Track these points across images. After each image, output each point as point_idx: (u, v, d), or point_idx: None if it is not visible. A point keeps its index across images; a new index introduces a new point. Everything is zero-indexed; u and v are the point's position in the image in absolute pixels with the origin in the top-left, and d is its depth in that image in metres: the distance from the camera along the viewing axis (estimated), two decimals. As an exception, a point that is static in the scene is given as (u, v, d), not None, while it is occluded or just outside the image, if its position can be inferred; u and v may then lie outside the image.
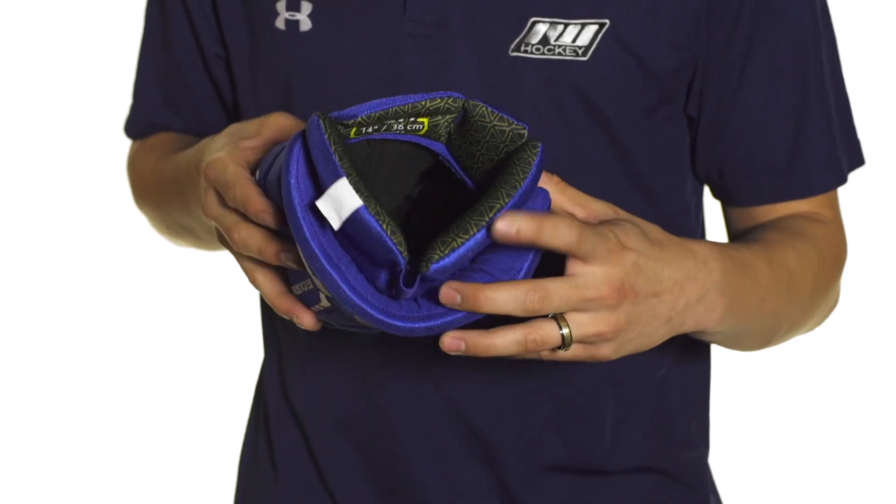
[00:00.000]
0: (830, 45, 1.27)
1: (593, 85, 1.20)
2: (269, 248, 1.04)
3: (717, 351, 1.40)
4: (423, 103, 1.02)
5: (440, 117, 1.04)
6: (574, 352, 1.03)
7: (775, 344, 1.28)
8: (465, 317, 0.99)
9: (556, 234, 0.98)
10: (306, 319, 1.06)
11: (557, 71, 1.19)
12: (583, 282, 1.00)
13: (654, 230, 1.06)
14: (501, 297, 0.98)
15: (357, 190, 0.95)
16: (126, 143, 1.51)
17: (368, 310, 0.97)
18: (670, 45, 1.20)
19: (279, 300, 1.07)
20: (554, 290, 0.99)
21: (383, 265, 0.97)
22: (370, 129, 1.02)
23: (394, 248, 0.95)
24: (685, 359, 1.33)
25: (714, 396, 1.41)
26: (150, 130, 1.44)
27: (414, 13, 1.21)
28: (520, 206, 0.99)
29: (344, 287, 0.97)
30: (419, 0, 1.20)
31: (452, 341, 0.99)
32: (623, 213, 1.07)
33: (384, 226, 0.95)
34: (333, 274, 0.97)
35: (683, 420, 1.34)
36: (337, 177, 0.95)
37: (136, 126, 1.45)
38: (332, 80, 1.24)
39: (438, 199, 1.09)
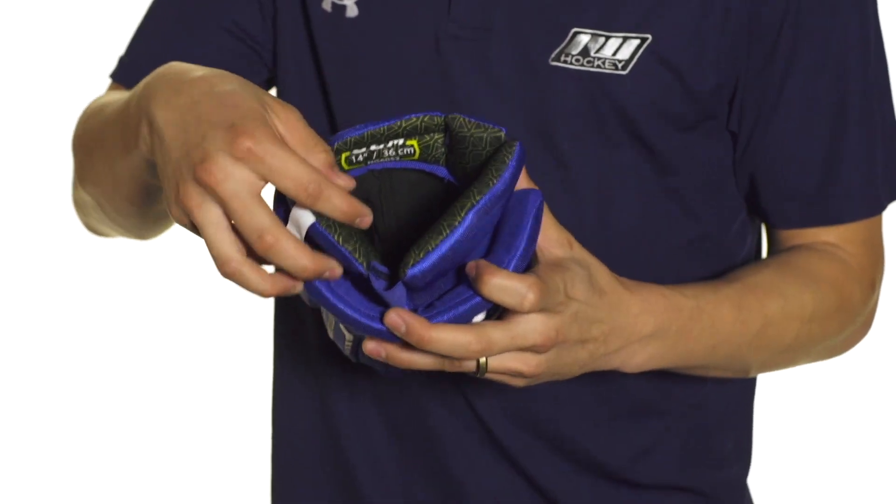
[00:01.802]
0: (881, 73, 1.25)
1: (631, 99, 1.19)
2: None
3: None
4: (399, 124, 1.03)
5: (428, 137, 1.05)
6: (487, 376, 1.05)
7: (756, 374, 1.29)
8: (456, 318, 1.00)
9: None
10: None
11: (595, 83, 1.18)
12: (522, 330, 1.01)
13: (599, 274, 1.08)
14: (446, 340, 0.99)
15: None
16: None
17: (349, 312, 0.99)
18: (712, 62, 1.19)
19: (276, 290, 0.99)
20: (496, 342, 1.01)
21: (355, 276, 0.99)
22: (359, 158, 1.03)
23: (347, 254, 0.97)
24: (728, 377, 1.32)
25: (758, 413, 1.39)
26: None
27: (457, 15, 1.20)
28: (493, 206, 0.99)
29: (327, 294, 0.99)
30: (463, 2, 1.20)
31: (375, 348, 1.01)
32: (577, 248, 1.08)
33: (336, 237, 0.97)
34: (317, 284, 0.99)
35: (720, 439, 1.33)
36: None
37: (132, 74, 1.31)
38: (368, 70, 1.24)
39: None
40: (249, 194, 0.95)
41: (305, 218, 0.97)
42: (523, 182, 1.04)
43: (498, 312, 1.04)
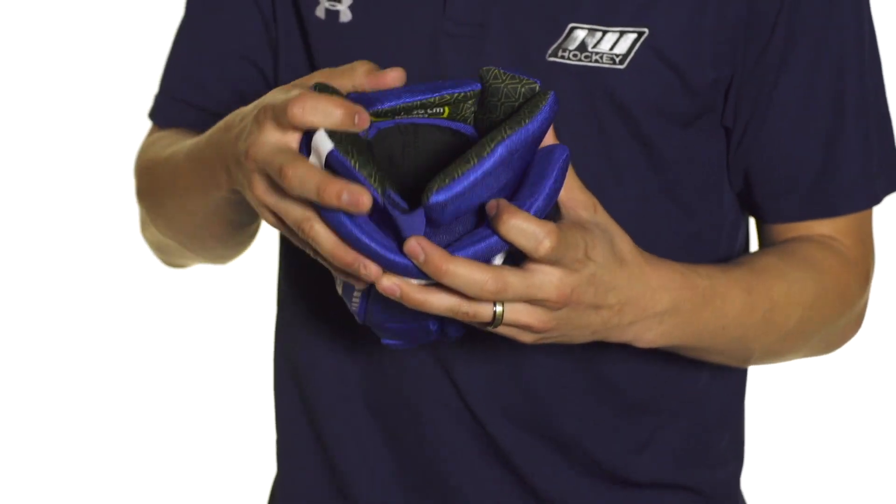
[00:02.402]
0: (876, 68, 1.26)
1: (629, 94, 1.19)
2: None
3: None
4: (433, 100, 1.04)
5: (460, 104, 1.06)
6: (499, 329, 1.05)
7: (755, 364, 1.29)
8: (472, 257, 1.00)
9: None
10: (372, 268, 1.02)
11: (594, 78, 1.19)
12: (538, 280, 1.02)
13: (622, 242, 1.09)
14: (462, 275, 0.99)
15: (331, 137, 0.98)
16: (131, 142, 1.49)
17: (365, 239, 0.98)
18: (709, 57, 1.20)
19: (340, 249, 1.02)
20: (511, 285, 1.01)
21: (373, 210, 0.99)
22: (388, 112, 1.05)
23: (363, 180, 0.97)
24: (723, 371, 1.32)
25: (749, 409, 1.40)
26: (181, 116, 1.36)
27: (453, 12, 1.21)
28: (523, 145, 0.99)
29: (345, 221, 0.98)
30: (459, 0, 1.20)
31: (390, 285, 1.01)
32: (602, 214, 1.08)
33: (353, 162, 0.97)
34: (340, 215, 0.99)
35: (716, 436, 1.34)
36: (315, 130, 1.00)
37: (166, 111, 1.39)
38: None
39: None
40: (275, 148, 1.01)
41: (324, 145, 0.98)
42: (550, 139, 1.05)
43: (512, 262, 1.04)
